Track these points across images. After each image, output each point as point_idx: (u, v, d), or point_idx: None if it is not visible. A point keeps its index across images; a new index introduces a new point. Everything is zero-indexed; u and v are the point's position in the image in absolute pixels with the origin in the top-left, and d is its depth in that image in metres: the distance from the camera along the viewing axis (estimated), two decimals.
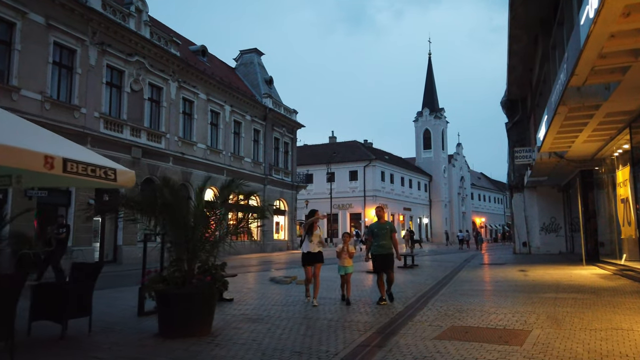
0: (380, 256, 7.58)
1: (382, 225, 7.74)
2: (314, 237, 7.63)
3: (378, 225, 7.77)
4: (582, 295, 8.37)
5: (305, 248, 7.67)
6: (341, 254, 7.79)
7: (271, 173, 30.54)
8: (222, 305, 7.52)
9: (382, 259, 7.58)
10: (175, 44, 22.11)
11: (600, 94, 9.51)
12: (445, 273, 13.50)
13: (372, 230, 7.78)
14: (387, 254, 7.58)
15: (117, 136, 18.66)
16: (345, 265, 7.72)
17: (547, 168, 18.55)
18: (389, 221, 8.04)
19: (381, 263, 7.57)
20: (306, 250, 7.64)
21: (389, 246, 7.59)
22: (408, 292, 9.19)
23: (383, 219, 7.85)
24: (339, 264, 7.84)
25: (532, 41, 18.57)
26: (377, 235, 7.62)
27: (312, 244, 7.61)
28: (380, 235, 7.61)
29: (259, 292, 9.10)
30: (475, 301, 7.82)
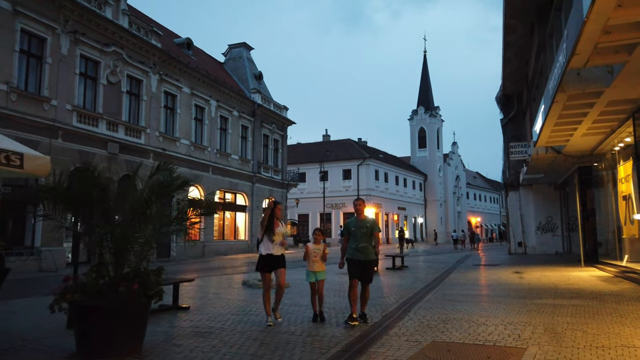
0: (358, 263, 5.94)
1: (362, 223, 6.03)
2: (275, 236, 6.03)
3: (356, 222, 6.07)
4: (583, 301, 7.50)
5: (263, 249, 6.02)
6: (310, 255, 6.14)
7: (260, 171, 29.60)
8: (174, 314, 6.60)
9: (361, 267, 5.94)
10: (156, 34, 21.14)
11: (602, 79, 8.64)
12: (435, 275, 12.62)
13: (348, 229, 6.11)
14: (368, 261, 5.95)
15: (92, 130, 17.67)
16: (315, 271, 6.08)
17: (543, 164, 17.70)
18: (370, 217, 6.27)
19: (358, 271, 5.94)
20: (265, 252, 5.98)
21: (368, 249, 5.94)
22: (390, 298, 8.29)
23: (363, 215, 6.13)
24: (307, 269, 6.18)
25: (527, 32, 17.72)
26: (355, 235, 5.99)
27: (274, 245, 6.00)
28: (359, 235, 5.95)
29: (223, 299, 8.17)
30: (463, 309, 6.93)
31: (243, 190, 27.86)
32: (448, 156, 62.78)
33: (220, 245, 25.29)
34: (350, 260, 6.05)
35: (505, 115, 25.56)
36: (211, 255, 23.55)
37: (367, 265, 6.00)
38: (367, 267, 6.00)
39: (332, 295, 8.25)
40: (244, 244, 27.66)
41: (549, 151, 15.32)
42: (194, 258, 22.40)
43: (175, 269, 16.08)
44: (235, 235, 27.56)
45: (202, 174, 24.08)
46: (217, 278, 12.46)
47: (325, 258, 6.16)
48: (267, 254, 6.00)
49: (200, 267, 17.34)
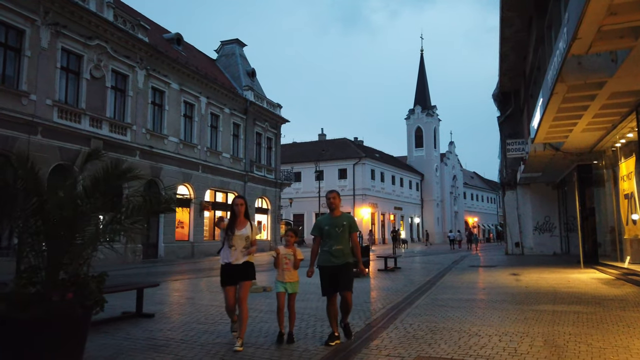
0: (332, 269, 4.88)
1: (337, 220, 4.97)
2: (235, 240, 4.81)
3: (330, 220, 5.01)
4: (585, 307, 6.91)
5: (223, 257, 4.88)
6: (280, 261, 5.04)
7: (252, 170, 28.97)
8: (136, 323, 5.99)
9: (334, 273, 4.87)
10: (143, 28, 20.49)
11: (605, 68, 8.07)
12: (428, 277, 12.04)
13: (320, 228, 5.02)
14: (343, 265, 4.91)
15: (74, 126, 17.01)
16: (286, 281, 4.98)
17: (541, 162, 17.15)
18: (346, 213, 5.19)
19: (332, 279, 4.89)
20: (225, 262, 4.85)
21: (345, 252, 4.93)
22: (377, 303, 7.70)
23: (338, 211, 5.05)
24: (276, 279, 5.06)
25: (525, 25, 17.18)
26: (329, 235, 4.93)
27: (235, 251, 4.80)
28: (333, 235, 4.92)
29: (195, 304, 7.54)
30: (455, 316, 6.34)
31: (235, 190, 27.22)
32: (445, 156, 62.30)
33: (211, 246, 24.62)
34: (322, 268, 4.97)
35: (502, 112, 25.03)
36: (201, 256, 22.92)
37: (342, 270, 4.91)
38: (344, 271, 4.92)
39: (316, 300, 7.63)
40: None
41: (547, 148, 14.76)
42: (184, 259, 21.77)
43: (160, 270, 15.47)
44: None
45: (192, 173, 23.44)
46: (198, 281, 11.84)
47: (297, 265, 5.06)
48: (226, 263, 4.84)
49: (187, 268, 16.72)
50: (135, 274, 14.16)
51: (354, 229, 5.05)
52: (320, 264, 5.01)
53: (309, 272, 5.10)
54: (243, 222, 4.96)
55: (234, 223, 4.92)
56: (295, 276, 5.09)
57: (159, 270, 15.45)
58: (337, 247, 4.93)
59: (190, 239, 23.49)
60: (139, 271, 15.14)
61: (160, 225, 21.17)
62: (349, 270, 5.01)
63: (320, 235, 5.05)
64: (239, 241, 4.86)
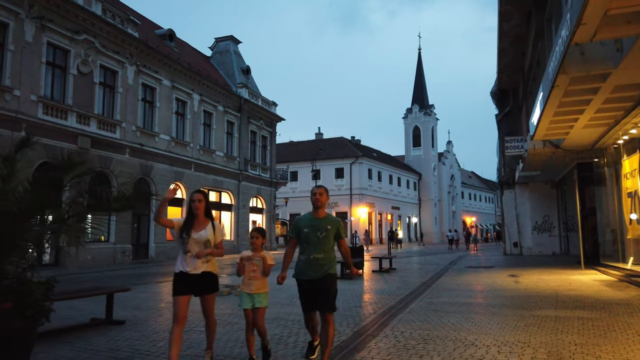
0: (308, 283, 4.02)
1: (320, 223, 4.08)
2: (192, 244, 3.93)
3: (311, 221, 4.12)
4: (590, 313, 6.47)
5: (178, 265, 4.02)
6: (246, 268, 4.20)
7: (247, 168, 28.49)
8: (103, 331, 5.52)
9: (314, 287, 3.99)
10: (133, 23, 19.98)
11: (609, 58, 7.64)
12: (424, 279, 11.60)
13: (298, 230, 4.14)
14: (321, 279, 3.99)
15: (60, 123, 16.51)
16: (252, 292, 4.15)
17: (540, 160, 16.74)
18: (333, 216, 4.32)
19: (312, 295, 4.02)
20: (179, 270, 3.98)
21: (326, 263, 4.02)
22: (368, 307, 7.24)
23: (323, 210, 4.15)
24: (241, 289, 4.26)
25: (524, 19, 16.76)
26: (309, 240, 4.03)
27: (190, 258, 3.92)
28: (314, 241, 4.01)
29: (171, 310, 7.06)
30: (450, 322, 5.89)
31: (228, 189, 26.75)
32: (443, 155, 61.87)
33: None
34: (298, 282, 4.13)
35: (500, 110, 24.64)
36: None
37: (324, 284, 3.99)
38: (323, 287, 3.99)
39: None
40: (229, 244, 26.51)
41: (546, 145, 14.35)
42: (174, 259, 21.25)
43: (149, 272, 14.98)
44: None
45: (184, 171, 22.96)
46: None
47: (267, 272, 4.22)
48: (180, 272, 3.95)
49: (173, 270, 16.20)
50: (121, 275, 13.68)
51: (341, 235, 4.17)
52: (296, 275, 4.14)
53: (280, 278, 4.11)
54: (203, 222, 4.05)
55: (191, 223, 4.01)
56: (264, 286, 4.23)
57: (147, 272, 14.97)
58: (317, 255, 3.99)
59: None
60: (126, 272, 14.66)
61: (150, 225, 20.69)
62: (329, 286, 4.03)
63: (298, 238, 4.15)
64: (196, 246, 3.94)
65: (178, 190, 4.13)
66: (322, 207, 4.19)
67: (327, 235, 4.07)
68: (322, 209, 4.19)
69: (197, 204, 4.07)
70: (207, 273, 4.03)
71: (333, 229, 4.11)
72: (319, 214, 4.18)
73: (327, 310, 3.97)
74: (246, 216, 28.25)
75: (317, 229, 4.07)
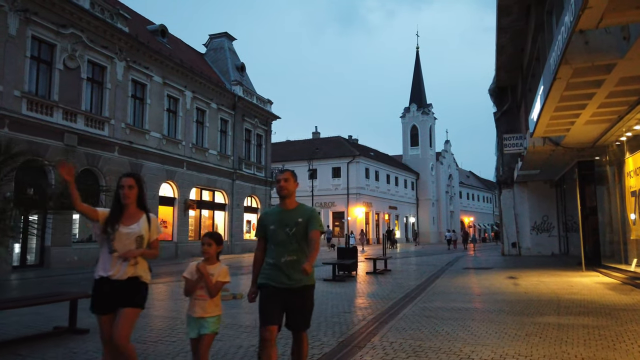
0: (279, 292, 3.23)
1: (288, 216, 3.34)
2: (119, 240, 3.17)
3: (279, 215, 3.39)
4: (595, 320, 6.01)
5: (99, 268, 3.21)
6: (194, 285, 3.32)
7: (241, 167, 27.99)
8: (64, 340, 5.04)
9: (283, 298, 3.24)
10: (122, 18, 19.47)
11: (615, 48, 7.19)
12: (419, 281, 11.14)
13: (264, 227, 3.40)
14: (301, 291, 3.27)
15: (46, 120, 15.99)
16: (200, 317, 3.28)
17: (539, 159, 16.29)
18: (306, 206, 3.49)
19: (279, 309, 3.23)
20: (99, 275, 3.18)
21: (300, 263, 3.17)
22: (357, 313, 6.77)
23: (292, 200, 3.41)
24: (187, 312, 3.37)
25: (523, 14, 16.29)
26: (276, 238, 3.31)
27: (114, 259, 3.14)
28: (281, 239, 3.29)
29: (149, 317, 6.55)
30: (444, 331, 5.42)
31: (222, 188, 26.26)
32: (441, 154, 61.45)
33: (196, 246, 23.62)
34: (263, 288, 3.26)
35: (498, 108, 24.21)
36: (186, 257, 21.93)
37: (300, 301, 3.25)
38: (299, 304, 3.24)
39: None
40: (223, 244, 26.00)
41: (546, 143, 13.90)
42: (166, 260, 20.76)
43: None
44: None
45: (176, 170, 22.46)
46: (171, 285, 10.88)
47: (214, 291, 3.26)
48: (100, 277, 3.15)
49: (167, 270, 15.74)
50: None
51: (314, 225, 3.28)
52: (262, 282, 3.28)
53: (250, 295, 3.35)
54: (134, 214, 3.25)
55: (119, 215, 3.20)
56: (214, 308, 3.29)
57: None
58: (288, 258, 3.22)
59: (174, 239, 22.52)
60: None
61: None
62: (306, 301, 3.28)
63: (265, 236, 3.39)
64: (125, 243, 3.15)
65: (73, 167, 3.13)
66: (290, 196, 3.39)
67: (299, 230, 3.28)
68: (290, 198, 3.39)
69: (126, 190, 3.20)
70: (133, 279, 3.16)
71: (304, 221, 3.30)
72: (287, 205, 3.39)
73: (302, 328, 3.32)
74: (240, 216, 27.76)
75: (285, 224, 3.30)
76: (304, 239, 3.28)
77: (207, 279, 3.27)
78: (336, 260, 12.62)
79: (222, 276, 3.35)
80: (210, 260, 3.39)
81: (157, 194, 21.19)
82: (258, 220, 3.60)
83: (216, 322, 3.35)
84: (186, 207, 23.02)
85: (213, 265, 3.38)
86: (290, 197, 3.40)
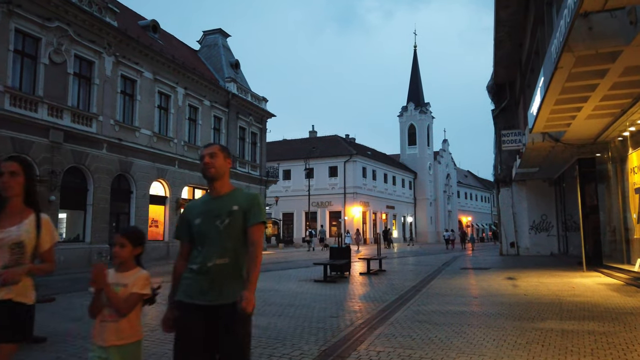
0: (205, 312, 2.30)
1: (218, 205, 2.42)
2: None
3: (206, 204, 2.48)
4: (601, 325, 5.56)
5: None
6: (96, 302, 2.38)
7: (235, 166, 27.49)
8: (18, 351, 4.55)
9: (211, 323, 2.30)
10: (111, 12, 18.95)
11: (621, 33, 6.72)
12: (415, 282, 10.68)
13: (187, 221, 2.47)
14: (226, 308, 2.27)
15: (30, 115, 15.48)
16: (107, 344, 2.34)
17: (539, 156, 15.85)
18: (244, 190, 2.70)
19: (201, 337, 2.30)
20: None
21: (234, 275, 2.35)
22: (344, 318, 6.30)
23: (224, 183, 2.48)
24: (92, 340, 2.43)
25: (522, 6, 15.88)
26: (201, 234, 2.40)
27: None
28: (209, 235, 2.38)
29: None
30: (438, 338, 4.96)
31: None
32: (438, 154, 61.06)
33: None
34: (181, 307, 2.36)
35: (496, 105, 23.79)
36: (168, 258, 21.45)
37: (229, 321, 2.27)
38: (229, 325, 2.27)
39: (275, 314, 6.21)
40: None
41: (546, 139, 13.45)
42: (156, 260, 20.25)
43: None
44: None
45: (167, 168, 21.96)
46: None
47: (123, 308, 2.35)
48: None
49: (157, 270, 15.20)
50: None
51: (256, 218, 2.39)
52: (180, 297, 2.37)
53: (164, 323, 2.42)
54: (17, 213, 2.45)
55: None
56: (130, 332, 2.39)
57: None
58: (217, 261, 2.33)
59: (165, 238, 22.03)
60: None
61: (131, 223, 19.68)
62: (239, 323, 2.26)
63: (189, 235, 2.46)
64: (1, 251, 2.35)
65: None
66: (220, 178, 2.45)
67: (235, 223, 2.35)
68: (221, 180, 2.46)
69: (5, 178, 2.35)
70: (7, 303, 2.30)
71: (241, 209, 2.38)
72: (216, 190, 2.45)
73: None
74: None
75: (214, 214, 2.37)
76: (242, 236, 2.37)
77: (107, 291, 2.32)
78: (328, 260, 12.16)
79: (139, 286, 2.40)
80: (124, 265, 2.47)
81: (148, 192, 20.70)
82: (179, 216, 2.62)
83: (135, 352, 2.42)
84: (177, 206, 22.52)
85: (129, 272, 2.45)
86: (221, 179, 2.46)
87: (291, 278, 11.59)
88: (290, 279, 11.43)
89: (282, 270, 14.33)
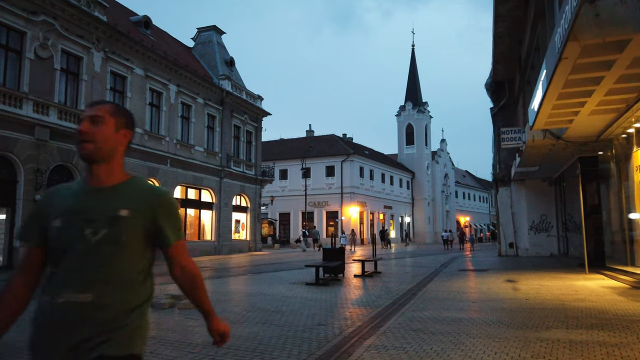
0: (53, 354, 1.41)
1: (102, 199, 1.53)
2: None
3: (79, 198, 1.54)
4: (612, 335, 5.10)
5: None
6: None
7: (229, 165, 27.01)
8: None
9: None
10: (100, 6, 18.44)
11: (629, 21, 6.28)
12: (410, 285, 10.22)
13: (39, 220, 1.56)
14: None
15: (14, 112, 14.96)
16: None
17: (539, 154, 15.42)
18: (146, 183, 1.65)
19: None
20: None
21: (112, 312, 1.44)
22: (333, 326, 5.83)
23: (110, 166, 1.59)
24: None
25: (522, 2, 15.43)
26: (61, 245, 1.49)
27: None
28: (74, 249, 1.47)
29: None
30: (433, 350, 4.50)
31: (209, 186, 25.27)
32: (436, 154, 60.63)
33: None
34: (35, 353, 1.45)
35: (495, 104, 23.36)
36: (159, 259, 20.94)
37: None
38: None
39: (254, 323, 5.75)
40: (209, 244, 25.10)
41: (546, 136, 13.02)
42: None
43: None
44: (200, 235, 24.97)
45: (159, 167, 21.47)
46: None
47: None
48: None
49: None
50: None
51: (175, 232, 1.63)
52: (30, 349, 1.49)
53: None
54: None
55: None
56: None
57: None
58: (74, 296, 1.43)
59: None
60: None
61: None
62: None
63: (41, 243, 1.56)
64: None
65: None
66: (104, 160, 1.59)
67: (117, 236, 1.50)
68: (106, 163, 1.59)
69: None
70: None
71: (139, 217, 1.55)
72: (97, 178, 1.59)
73: None
74: (229, 215, 26.79)
75: (85, 217, 1.51)
76: (129, 261, 1.53)
77: None
78: (321, 262, 11.69)
79: None
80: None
81: None
82: (32, 210, 1.66)
83: None
84: None
85: None
86: (107, 162, 1.58)
87: (282, 281, 11.12)
88: (282, 281, 10.97)
89: (275, 272, 13.87)
